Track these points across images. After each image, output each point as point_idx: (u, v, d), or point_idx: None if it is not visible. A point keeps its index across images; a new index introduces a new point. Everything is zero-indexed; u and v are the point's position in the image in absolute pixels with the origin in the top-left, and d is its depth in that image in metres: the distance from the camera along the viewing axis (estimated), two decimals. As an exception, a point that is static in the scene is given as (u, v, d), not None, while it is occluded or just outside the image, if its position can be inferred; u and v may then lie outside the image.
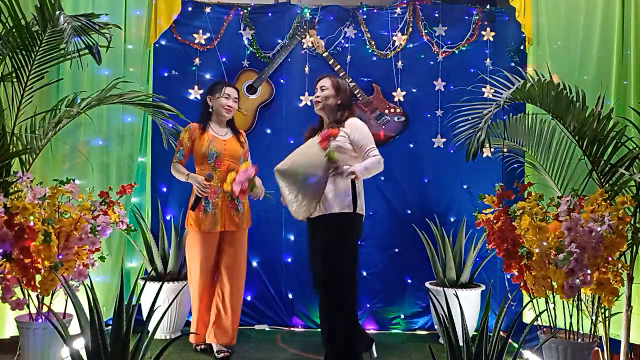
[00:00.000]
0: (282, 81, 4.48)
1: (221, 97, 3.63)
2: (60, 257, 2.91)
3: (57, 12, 2.95)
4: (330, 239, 3.17)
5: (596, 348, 3.05)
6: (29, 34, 3.07)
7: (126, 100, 3.51)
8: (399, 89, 4.44)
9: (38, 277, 2.89)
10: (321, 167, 2.99)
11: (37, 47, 3.14)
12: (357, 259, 3.26)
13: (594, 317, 2.98)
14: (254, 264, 4.42)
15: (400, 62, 4.45)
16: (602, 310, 3.01)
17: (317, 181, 3.01)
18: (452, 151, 4.29)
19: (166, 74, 4.43)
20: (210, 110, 3.67)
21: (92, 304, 2.28)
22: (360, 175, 3.14)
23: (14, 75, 3.20)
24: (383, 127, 4.42)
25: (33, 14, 3.05)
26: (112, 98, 3.45)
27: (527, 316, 3.91)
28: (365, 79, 4.45)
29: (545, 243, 2.84)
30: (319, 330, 4.26)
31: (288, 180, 3.10)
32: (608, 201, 2.87)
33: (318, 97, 3.30)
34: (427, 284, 4.16)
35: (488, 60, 4.41)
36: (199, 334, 3.69)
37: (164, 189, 4.40)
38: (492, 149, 4.02)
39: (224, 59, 4.45)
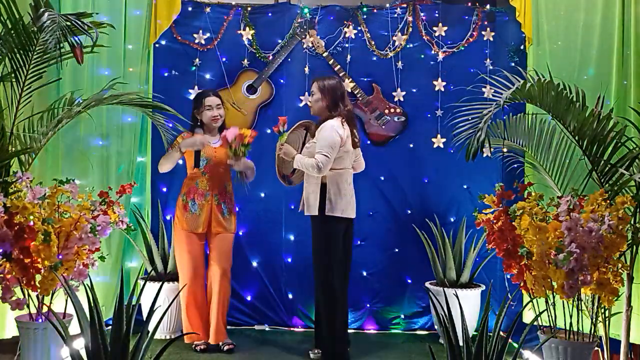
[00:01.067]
0: (282, 81, 4.48)
1: (204, 110, 3.76)
2: (60, 257, 2.90)
3: (42, 9, 2.93)
4: (312, 240, 3.60)
5: (596, 348, 3.05)
6: (26, 33, 3.06)
7: (124, 101, 3.49)
8: (399, 89, 4.44)
9: (38, 277, 2.89)
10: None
11: (33, 47, 3.13)
12: (330, 264, 3.52)
13: (594, 317, 2.98)
14: (254, 264, 4.42)
15: (400, 62, 4.44)
16: (602, 310, 3.01)
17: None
18: (452, 151, 4.28)
19: (166, 74, 4.43)
20: (199, 123, 3.80)
21: (92, 304, 2.28)
22: (295, 164, 3.58)
23: (12, 75, 3.19)
24: (383, 127, 4.42)
25: (28, 12, 3.04)
26: (111, 99, 3.44)
27: (527, 316, 3.90)
28: (365, 79, 4.45)
29: (545, 243, 2.84)
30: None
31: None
32: (608, 201, 2.87)
33: (310, 101, 3.63)
34: (427, 284, 4.16)
35: (488, 60, 4.41)
36: (198, 333, 3.71)
37: (164, 189, 4.39)
38: (492, 149, 4.01)
39: (224, 59, 4.44)
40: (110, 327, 2.36)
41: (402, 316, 4.42)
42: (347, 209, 3.55)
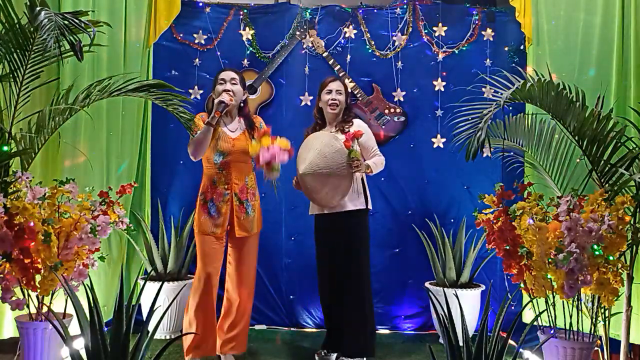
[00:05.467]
0: (282, 81, 4.48)
1: (217, 85, 3.31)
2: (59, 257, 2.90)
3: (38, 8, 2.90)
4: (348, 237, 3.41)
5: (596, 348, 3.05)
6: (23, 33, 3.05)
7: (124, 88, 3.27)
8: (399, 89, 4.44)
9: (38, 277, 2.89)
10: (344, 165, 3.27)
11: (31, 47, 3.11)
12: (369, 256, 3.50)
13: (594, 317, 2.98)
14: (254, 264, 4.42)
15: (400, 62, 4.45)
16: (602, 310, 3.01)
17: (341, 179, 3.30)
18: (452, 151, 4.28)
19: (166, 74, 4.43)
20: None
21: (92, 304, 2.28)
22: (374, 170, 3.48)
23: (10, 76, 3.19)
24: (383, 127, 4.42)
25: (24, 12, 3.03)
26: (110, 87, 3.34)
27: (527, 316, 3.90)
28: (365, 79, 4.45)
29: (545, 243, 2.84)
30: (319, 329, 4.28)
31: (317, 181, 3.31)
32: (608, 201, 2.87)
33: (335, 100, 3.49)
34: (427, 284, 4.16)
35: (488, 60, 4.41)
36: (198, 333, 3.30)
37: (164, 189, 4.39)
38: (492, 149, 4.01)
39: (224, 59, 4.45)
40: (110, 327, 2.36)
41: (402, 316, 4.42)
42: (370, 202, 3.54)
